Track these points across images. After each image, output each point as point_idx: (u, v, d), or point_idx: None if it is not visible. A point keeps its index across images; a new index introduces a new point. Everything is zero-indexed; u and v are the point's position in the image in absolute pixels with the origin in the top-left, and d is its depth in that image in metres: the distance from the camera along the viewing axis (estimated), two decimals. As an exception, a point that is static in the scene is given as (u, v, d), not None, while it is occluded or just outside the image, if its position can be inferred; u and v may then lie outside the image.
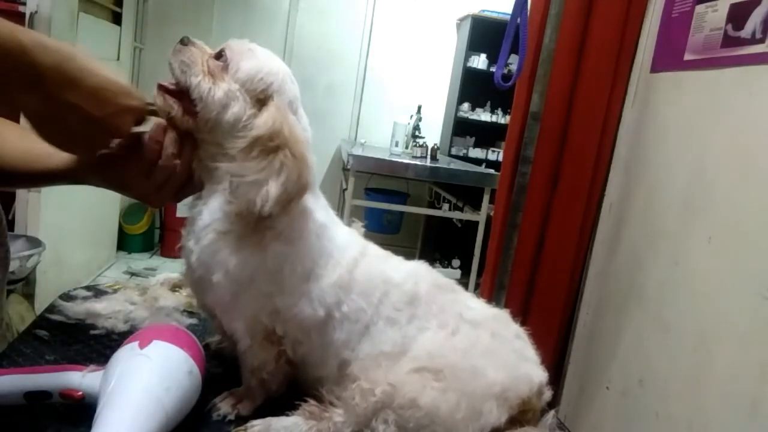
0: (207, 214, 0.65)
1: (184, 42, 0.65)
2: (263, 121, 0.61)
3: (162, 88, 0.64)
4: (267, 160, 0.59)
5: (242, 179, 0.60)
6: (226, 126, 0.63)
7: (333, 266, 0.67)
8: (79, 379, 0.60)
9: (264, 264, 0.63)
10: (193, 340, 0.65)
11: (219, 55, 0.65)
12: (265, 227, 0.63)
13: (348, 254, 0.69)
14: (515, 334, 0.72)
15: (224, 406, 0.67)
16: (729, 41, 1.30)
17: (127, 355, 0.59)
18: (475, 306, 0.72)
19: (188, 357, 0.61)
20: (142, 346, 0.59)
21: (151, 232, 3.97)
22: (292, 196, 0.60)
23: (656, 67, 1.59)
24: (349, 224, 0.77)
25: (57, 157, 0.70)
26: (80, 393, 0.60)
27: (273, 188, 0.58)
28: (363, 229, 0.77)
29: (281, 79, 0.65)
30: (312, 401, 0.65)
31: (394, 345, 0.66)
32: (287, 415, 0.64)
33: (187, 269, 0.68)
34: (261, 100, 0.63)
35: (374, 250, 0.73)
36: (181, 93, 0.64)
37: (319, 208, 0.69)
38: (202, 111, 0.62)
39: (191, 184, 0.68)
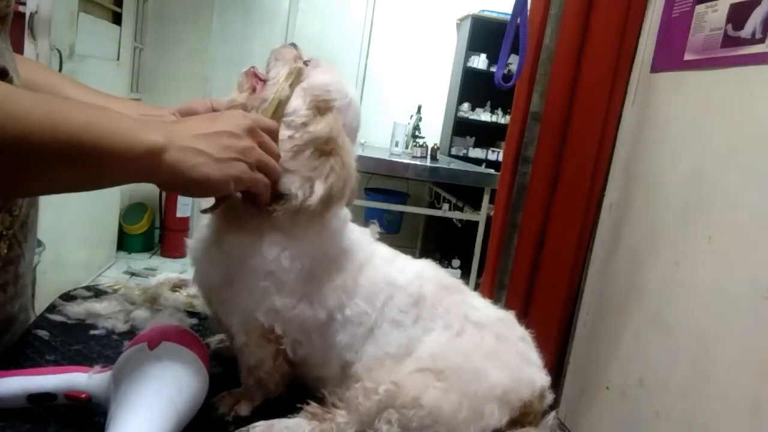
0: None
1: (291, 45, 0.72)
2: (324, 125, 0.64)
3: (250, 71, 0.69)
4: (319, 161, 0.63)
5: (292, 173, 0.63)
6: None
7: (337, 271, 0.67)
8: (86, 380, 0.60)
9: (257, 249, 0.63)
10: (199, 341, 0.65)
11: (308, 63, 0.70)
12: (268, 214, 0.63)
13: (354, 260, 0.69)
14: (520, 337, 0.71)
15: (222, 407, 0.67)
16: (729, 41, 1.30)
17: (136, 357, 0.59)
18: (480, 307, 0.72)
19: (196, 357, 0.61)
20: (151, 347, 0.59)
21: (151, 232, 3.97)
22: (334, 201, 0.63)
23: (656, 67, 1.60)
24: (367, 225, 0.76)
25: None
26: (86, 394, 0.59)
27: (319, 187, 0.62)
28: (378, 234, 0.75)
29: (346, 103, 0.68)
30: (314, 403, 0.65)
31: (399, 347, 0.66)
32: (289, 417, 0.64)
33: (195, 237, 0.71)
34: (320, 108, 0.66)
35: (380, 252, 0.73)
36: (261, 79, 0.69)
37: (337, 216, 0.68)
38: (265, 89, 0.66)
39: None
